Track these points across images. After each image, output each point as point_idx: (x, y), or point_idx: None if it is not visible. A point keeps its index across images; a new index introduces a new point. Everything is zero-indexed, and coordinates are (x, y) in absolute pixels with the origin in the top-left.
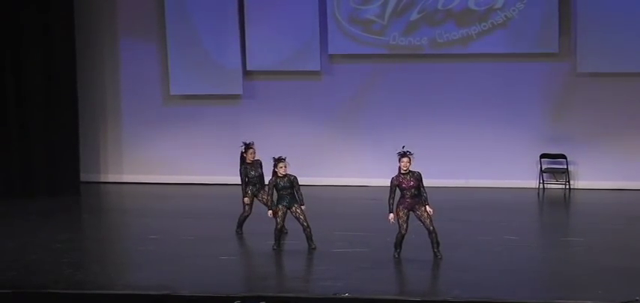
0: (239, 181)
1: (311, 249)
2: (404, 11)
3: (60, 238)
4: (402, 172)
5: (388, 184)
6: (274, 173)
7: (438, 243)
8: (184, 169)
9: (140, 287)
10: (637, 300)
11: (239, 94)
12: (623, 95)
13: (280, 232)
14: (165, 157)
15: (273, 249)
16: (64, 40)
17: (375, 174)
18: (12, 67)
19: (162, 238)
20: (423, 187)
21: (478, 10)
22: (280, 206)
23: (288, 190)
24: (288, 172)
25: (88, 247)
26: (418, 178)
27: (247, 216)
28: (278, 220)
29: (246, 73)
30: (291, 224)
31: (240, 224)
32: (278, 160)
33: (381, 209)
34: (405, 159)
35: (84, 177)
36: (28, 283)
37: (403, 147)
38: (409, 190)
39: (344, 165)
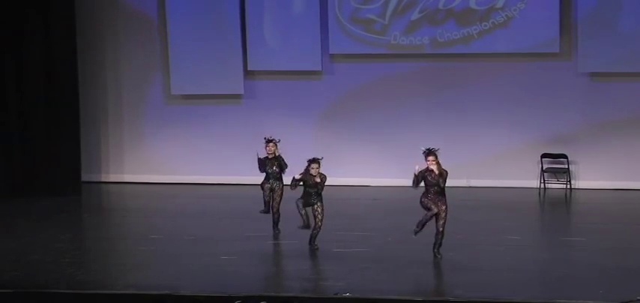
0: (241, 181)
1: (313, 249)
2: (405, 11)
3: (61, 237)
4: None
5: (389, 183)
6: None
7: (440, 244)
8: (185, 169)
9: (141, 287)
10: (638, 300)
11: (240, 94)
12: (624, 95)
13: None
14: (167, 156)
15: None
16: (65, 40)
17: (377, 173)
18: (13, 67)
19: (163, 237)
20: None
21: (479, 10)
22: (301, 201)
23: (315, 189)
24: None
25: (89, 247)
26: (444, 177)
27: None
28: (304, 219)
29: (248, 73)
30: (288, 225)
31: (269, 210)
32: (312, 161)
33: (382, 209)
34: (431, 157)
35: (85, 177)
36: (29, 283)
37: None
38: (432, 187)
39: (345, 165)
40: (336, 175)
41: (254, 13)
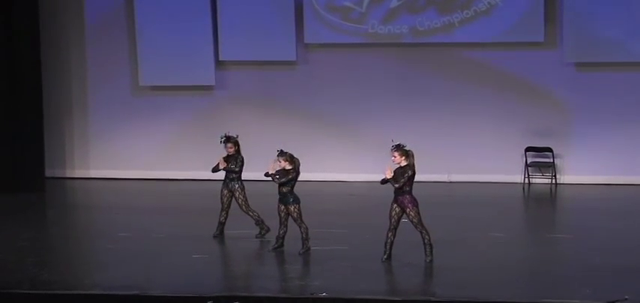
0: (212, 177)
1: (272, 249)
2: None
3: (24, 236)
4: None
5: (366, 178)
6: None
7: (428, 248)
8: (154, 164)
9: (109, 287)
10: (626, 299)
11: (211, 85)
12: (612, 86)
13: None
14: (135, 151)
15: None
16: (28, 29)
17: (353, 168)
18: None
19: (131, 235)
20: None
21: None
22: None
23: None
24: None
25: (53, 246)
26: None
27: (226, 211)
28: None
29: (219, 63)
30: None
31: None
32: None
33: (360, 205)
34: (396, 153)
35: (49, 172)
36: None
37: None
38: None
39: (320, 159)
40: (311, 170)
41: (225, 0)
